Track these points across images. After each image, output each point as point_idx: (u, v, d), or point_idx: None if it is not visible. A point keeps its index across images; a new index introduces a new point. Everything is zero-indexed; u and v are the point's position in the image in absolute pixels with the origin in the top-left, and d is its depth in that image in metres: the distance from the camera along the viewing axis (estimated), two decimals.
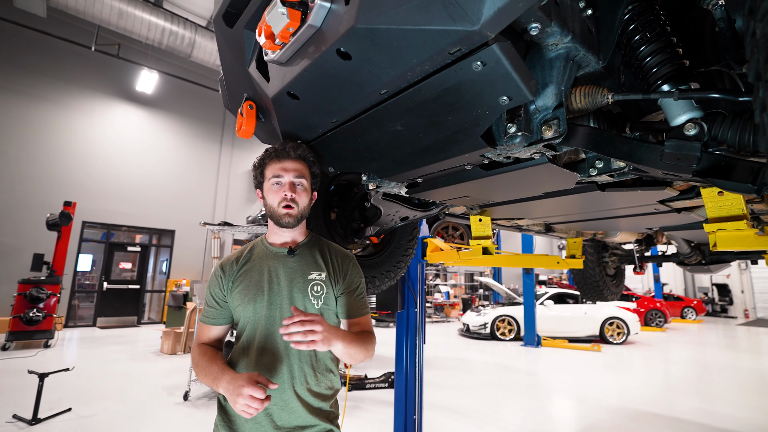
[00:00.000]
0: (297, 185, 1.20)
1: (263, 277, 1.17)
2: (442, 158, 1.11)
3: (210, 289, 1.21)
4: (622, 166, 1.19)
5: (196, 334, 1.23)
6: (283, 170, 1.19)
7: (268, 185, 1.20)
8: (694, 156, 0.86)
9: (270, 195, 1.19)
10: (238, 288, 1.17)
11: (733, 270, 19.47)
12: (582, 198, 1.55)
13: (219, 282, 1.19)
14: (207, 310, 1.21)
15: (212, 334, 1.20)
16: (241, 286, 1.16)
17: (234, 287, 1.17)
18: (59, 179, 9.62)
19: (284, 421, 1.10)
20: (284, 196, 1.17)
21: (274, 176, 1.19)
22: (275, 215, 1.19)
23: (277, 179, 1.19)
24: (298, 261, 1.21)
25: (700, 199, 1.65)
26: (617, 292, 4.02)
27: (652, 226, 2.37)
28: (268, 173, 1.21)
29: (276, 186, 1.19)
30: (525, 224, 2.42)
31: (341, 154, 1.31)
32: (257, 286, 1.16)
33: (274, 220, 1.20)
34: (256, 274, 1.18)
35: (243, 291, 1.16)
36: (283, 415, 1.10)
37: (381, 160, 1.24)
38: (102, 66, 10.38)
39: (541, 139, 0.94)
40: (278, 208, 1.18)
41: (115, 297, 10.51)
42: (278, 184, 1.19)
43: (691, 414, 4.52)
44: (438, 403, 4.62)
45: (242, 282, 1.17)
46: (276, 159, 1.21)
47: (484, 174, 1.19)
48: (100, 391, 4.55)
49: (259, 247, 1.25)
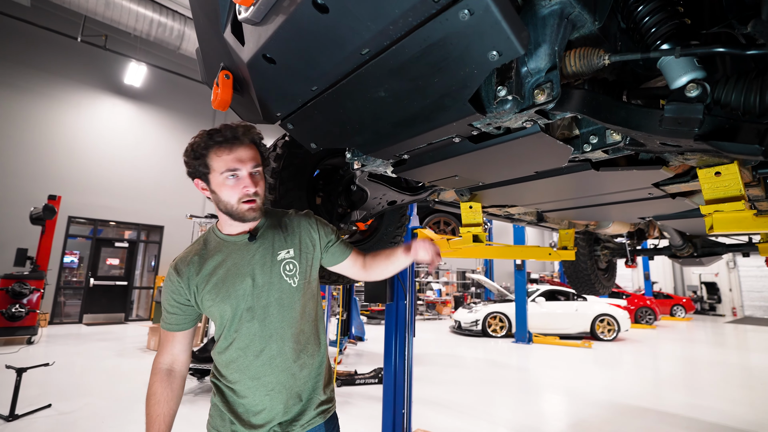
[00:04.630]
0: (255, 174, 1.09)
1: (231, 270, 1.09)
2: (429, 128, 1.04)
3: (169, 294, 1.10)
4: (617, 140, 1.14)
5: (162, 344, 1.11)
6: (238, 162, 1.05)
7: (220, 179, 1.05)
8: (696, 119, 0.80)
9: (224, 190, 1.06)
10: (206, 288, 1.07)
11: (722, 268, 19.74)
12: (575, 180, 1.50)
13: (177, 285, 1.09)
14: (169, 317, 1.10)
15: (178, 341, 1.11)
16: (209, 286, 1.07)
17: (201, 288, 1.08)
18: (44, 173, 9.40)
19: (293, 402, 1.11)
20: (245, 191, 1.06)
21: (229, 170, 1.04)
22: (236, 212, 1.07)
23: (232, 173, 1.05)
24: (262, 244, 1.14)
25: (695, 183, 1.61)
26: (609, 285, 4.01)
27: (645, 215, 2.33)
28: (216, 165, 1.04)
29: (232, 180, 1.05)
30: (516, 213, 2.37)
31: (323, 128, 1.24)
32: (229, 281, 1.08)
33: (234, 216, 1.08)
34: (222, 270, 1.09)
35: (213, 290, 1.07)
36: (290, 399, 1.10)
37: (365, 132, 1.17)
38: (89, 58, 10.16)
39: (533, 105, 0.88)
40: (238, 204, 1.06)
41: (102, 293, 10.32)
42: (234, 177, 1.05)
43: (679, 408, 4.53)
44: (428, 398, 4.57)
45: (209, 281, 1.08)
46: (226, 147, 1.05)
47: (473, 147, 1.13)
48: (82, 387, 4.43)
49: (214, 240, 1.15)
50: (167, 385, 1.06)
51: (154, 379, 1.06)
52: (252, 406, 1.07)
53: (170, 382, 1.07)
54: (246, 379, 1.07)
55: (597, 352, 8.07)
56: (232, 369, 1.08)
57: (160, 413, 1.03)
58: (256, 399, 1.07)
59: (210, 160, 1.05)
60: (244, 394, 1.07)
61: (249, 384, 1.07)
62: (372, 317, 12.25)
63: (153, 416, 1.03)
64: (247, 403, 1.07)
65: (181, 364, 1.11)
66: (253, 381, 1.07)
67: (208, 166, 1.05)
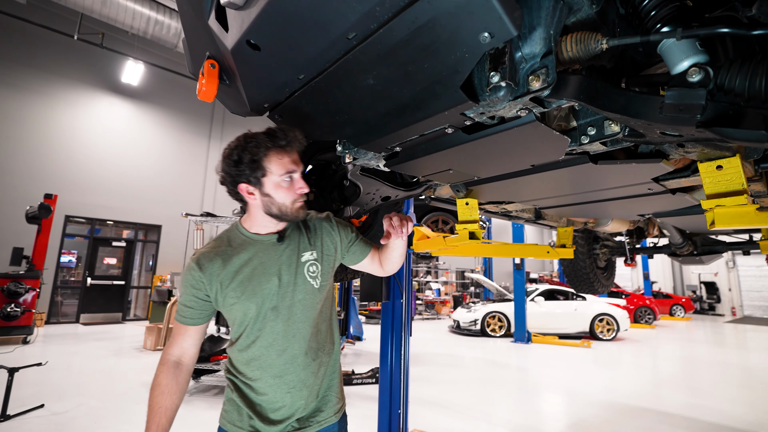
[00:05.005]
0: (304, 188, 1.13)
1: (258, 269, 1.10)
2: (420, 117, 1.00)
3: (189, 288, 1.10)
4: (615, 131, 1.10)
5: (173, 336, 1.12)
6: (294, 164, 1.10)
7: (277, 181, 1.07)
8: (698, 105, 0.76)
9: (280, 192, 1.08)
10: (231, 285, 1.08)
11: (721, 268, 19.73)
12: (573, 174, 1.46)
13: (199, 280, 1.09)
14: (185, 310, 1.10)
15: (190, 335, 1.11)
16: (235, 283, 1.08)
17: (226, 284, 1.08)
18: (41, 172, 9.35)
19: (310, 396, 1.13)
20: (300, 192, 1.11)
21: (288, 172, 1.08)
22: (289, 212, 1.10)
23: (289, 175, 1.08)
24: (289, 245, 1.16)
25: (696, 177, 1.57)
26: (608, 284, 3.97)
27: (644, 212, 2.29)
28: (273, 168, 1.07)
29: (288, 182, 1.09)
30: (514, 210, 2.33)
31: (312, 119, 1.20)
32: (255, 280, 1.09)
33: (285, 217, 1.11)
34: (249, 268, 1.10)
35: (239, 287, 1.08)
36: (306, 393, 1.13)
37: (354, 123, 1.13)
38: (85, 56, 10.11)
39: (528, 91, 0.84)
40: (293, 204, 1.10)
41: (100, 293, 10.27)
42: (290, 179, 1.09)
43: (679, 408, 4.50)
44: (426, 398, 4.54)
45: (235, 278, 1.09)
46: (282, 151, 1.08)
47: (466, 138, 1.09)
48: (76, 387, 4.39)
49: (239, 238, 1.15)
50: (173, 378, 1.06)
51: (160, 370, 1.06)
52: (272, 402, 1.09)
53: (176, 375, 1.07)
54: (267, 377, 1.09)
55: (596, 352, 8.04)
56: (254, 366, 1.09)
57: (163, 405, 1.03)
58: (277, 396, 1.09)
59: (268, 162, 1.07)
60: (264, 391, 1.09)
61: (270, 382, 1.09)
62: (371, 317, 12.21)
63: (155, 407, 1.03)
64: (267, 400, 1.09)
65: (190, 358, 1.11)
66: (275, 379, 1.09)
67: (264, 169, 1.07)
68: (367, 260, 1.32)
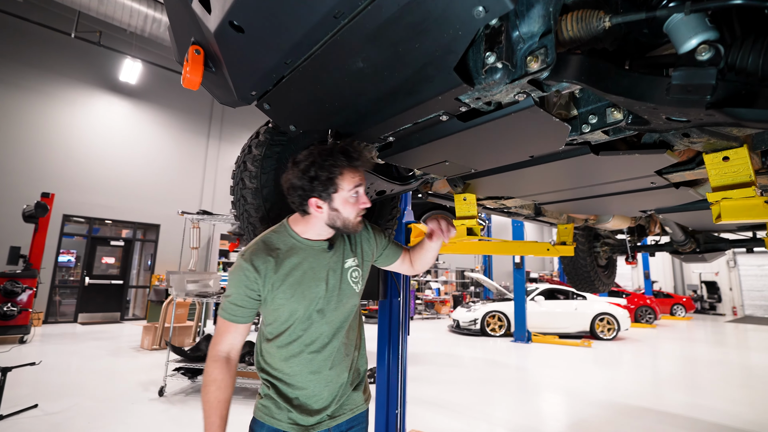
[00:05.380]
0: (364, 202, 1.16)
1: (308, 273, 1.15)
2: (413, 103, 0.95)
3: (242, 288, 1.10)
4: (618, 119, 1.05)
5: (220, 333, 1.11)
6: (362, 181, 1.14)
7: (346, 196, 1.11)
8: (708, 85, 0.71)
9: (348, 207, 1.12)
10: (282, 287, 1.12)
11: (722, 267, 19.66)
12: (573, 166, 1.41)
13: (254, 281, 1.10)
14: (236, 309, 1.11)
15: (239, 332, 1.13)
16: (285, 285, 1.12)
17: (277, 286, 1.12)
18: (39, 171, 9.30)
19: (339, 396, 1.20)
20: (363, 207, 1.15)
21: (356, 186, 1.12)
22: (351, 225, 1.15)
23: (356, 191, 1.12)
24: (335, 252, 1.22)
25: (701, 170, 1.52)
26: (609, 283, 3.92)
27: (647, 208, 2.24)
28: (345, 185, 1.10)
29: (354, 198, 1.13)
30: (513, 206, 2.28)
31: (301, 107, 1.15)
32: (305, 283, 1.14)
33: (345, 230, 1.15)
34: (299, 272, 1.14)
35: (289, 289, 1.12)
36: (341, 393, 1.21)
37: (345, 110, 1.08)
38: (83, 54, 10.06)
39: (526, 73, 0.79)
40: (355, 219, 1.15)
41: (98, 292, 10.22)
42: (357, 194, 1.13)
43: (680, 408, 4.45)
44: (425, 398, 4.49)
45: (285, 280, 1.13)
46: (353, 168, 1.12)
47: (462, 126, 1.04)
48: (71, 387, 4.34)
49: (289, 241, 1.18)
50: (226, 372, 1.08)
51: (213, 366, 1.08)
52: (310, 396, 1.15)
53: (228, 369, 1.09)
54: (306, 373, 1.14)
55: (597, 352, 7.99)
56: (293, 363, 1.14)
57: (222, 399, 1.06)
58: (316, 390, 1.15)
59: (342, 180, 1.10)
60: (303, 385, 1.14)
61: (309, 377, 1.14)
62: (370, 316, 12.16)
63: (215, 402, 1.05)
64: (305, 394, 1.15)
65: (237, 351, 1.14)
66: (314, 375, 1.14)
67: (337, 186, 1.10)
68: (398, 262, 1.41)
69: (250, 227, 1.63)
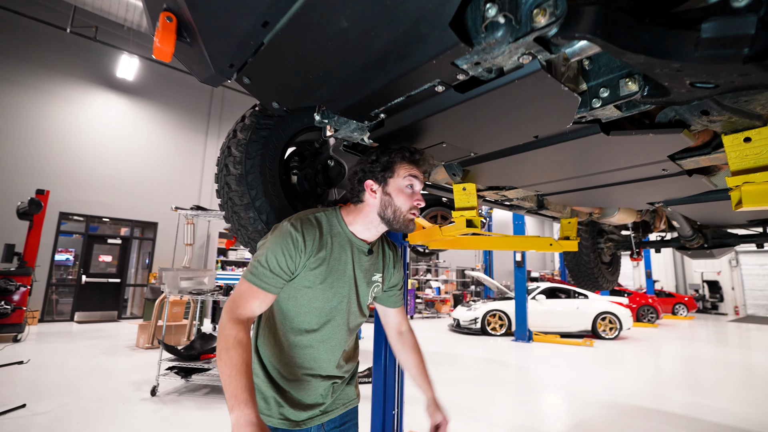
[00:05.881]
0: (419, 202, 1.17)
1: (342, 268, 1.13)
2: (404, 69, 0.85)
3: (285, 253, 1.03)
4: (633, 90, 0.94)
5: (241, 299, 1.01)
6: (418, 177, 1.16)
7: (401, 185, 1.13)
8: (746, 35, 0.61)
9: (401, 196, 1.13)
10: (316, 270, 1.08)
11: (724, 266, 19.54)
12: (580, 149, 1.30)
13: (300, 251, 1.05)
14: (270, 276, 1.02)
15: (265, 301, 1.03)
16: (320, 270, 1.09)
17: (311, 265, 1.07)
18: (35, 168, 9.21)
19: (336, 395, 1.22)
20: (417, 203, 1.15)
21: (411, 175, 1.14)
22: (400, 219, 1.12)
23: (411, 183, 1.14)
24: (371, 260, 1.20)
25: (718, 155, 1.42)
26: (613, 280, 3.81)
27: (655, 200, 2.14)
28: (401, 172, 1.14)
29: (409, 190, 1.14)
30: (515, 197, 2.18)
31: (283, 80, 1.05)
32: (336, 275, 1.12)
33: (395, 222, 1.13)
34: (337, 263, 1.12)
35: (321, 275, 1.09)
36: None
37: (330, 82, 0.98)
38: (79, 50, 9.96)
39: (532, 30, 0.69)
40: (407, 213, 1.13)
41: (95, 291, 10.14)
42: (411, 188, 1.14)
43: (683, 408, 4.35)
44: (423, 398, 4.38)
45: (322, 264, 1.09)
46: (412, 163, 1.16)
47: (459, 98, 0.94)
48: (62, 386, 4.25)
49: (337, 228, 1.15)
50: (246, 334, 0.98)
51: (237, 328, 0.96)
52: (304, 391, 1.12)
53: (247, 333, 0.99)
54: (307, 368, 1.12)
55: (599, 351, 7.88)
56: (298, 354, 1.11)
57: (248, 361, 0.94)
58: (311, 385, 1.13)
59: (399, 167, 1.14)
60: (299, 378, 1.11)
61: (308, 373, 1.12)
62: (370, 315, 12.06)
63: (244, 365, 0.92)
64: (300, 388, 1.12)
65: (251, 322, 1.05)
66: (313, 369, 1.13)
67: (393, 172, 1.13)
68: (389, 312, 1.36)
69: (234, 216, 1.53)
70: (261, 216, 1.49)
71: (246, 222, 1.51)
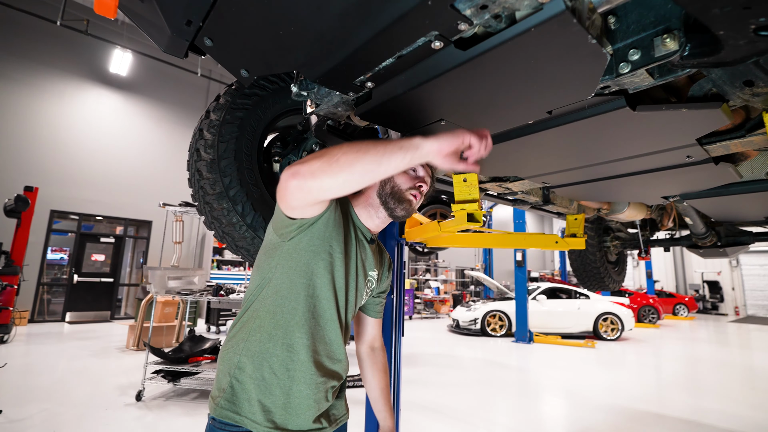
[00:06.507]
0: (422, 186, 1.07)
1: (342, 252, 1.01)
2: (392, 15, 0.68)
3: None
4: (672, 49, 0.77)
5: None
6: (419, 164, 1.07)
7: None
8: None
9: (402, 175, 1.05)
10: (317, 235, 0.96)
11: (724, 267, 19.42)
12: (599, 129, 1.14)
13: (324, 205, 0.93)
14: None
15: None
16: (320, 238, 0.98)
17: (316, 231, 0.95)
18: (24, 165, 9.00)
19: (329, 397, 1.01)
20: (417, 183, 1.06)
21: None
22: (397, 195, 1.04)
23: (414, 167, 1.06)
24: (371, 254, 1.12)
25: (753, 137, 1.25)
26: (619, 280, 3.65)
27: (671, 193, 1.97)
28: None
29: (412, 173, 1.07)
30: (520, 190, 2.01)
31: (250, 39, 0.88)
32: (337, 258, 1.00)
33: (391, 201, 1.04)
34: (337, 243, 1.01)
35: (319, 246, 0.97)
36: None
37: (305, 39, 0.81)
38: (71, 44, 9.76)
39: None
40: (407, 192, 1.05)
41: (87, 291, 9.95)
42: (414, 171, 1.07)
43: (691, 413, 4.20)
44: (421, 403, 4.22)
45: (324, 233, 0.97)
46: None
47: (461, 58, 0.77)
48: (45, 390, 4.07)
49: (346, 208, 1.07)
50: None
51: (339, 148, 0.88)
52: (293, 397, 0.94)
53: None
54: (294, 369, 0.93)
55: (601, 353, 7.72)
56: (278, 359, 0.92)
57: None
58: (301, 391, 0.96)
59: None
60: (288, 382, 0.92)
61: (295, 377, 0.94)
62: None
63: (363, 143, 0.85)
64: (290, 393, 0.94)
65: None
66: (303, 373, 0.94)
67: None
68: (367, 321, 1.24)
69: (206, 207, 1.36)
70: (236, 207, 1.32)
71: (219, 214, 1.34)
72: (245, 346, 0.92)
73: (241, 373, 0.91)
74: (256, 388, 0.90)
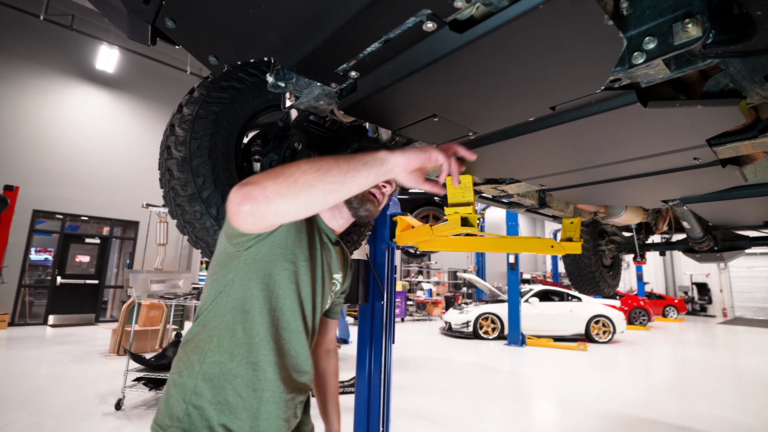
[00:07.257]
0: (385, 186, 1.02)
1: (306, 258, 0.94)
2: None
3: None
4: (694, 36, 0.68)
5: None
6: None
7: None
8: None
9: None
10: (277, 243, 0.89)
11: (713, 269, 19.65)
12: (605, 127, 1.05)
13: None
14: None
15: None
16: (282, 246, 0.91)
17: (276, 240, 0.89)
18: (7, 164, 8.73)
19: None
20: (381, 185, 1.01)
21: None
22: (360, 195, 0.98)
23: None
24: (335, 255, 1.06)
25: (764, 138, 1.17)
26: (614, 284, 3.59)
27: (671, 197, 1.90)
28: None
29: None
30: (515, 192, 1.92)
31: (216, 19, 0.77)
32: (300, 265, 0.93)
33: (354, 200, 0.99)
34: (300, 249, 0.94)
35: (280, 254, 0.90)
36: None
37: (279, 19, 0.71)
38: (56, 40, 9.51)
39: None
40: (369, 191, 1.00)
41: (71, 293, 9.68)
42: None
43: (682, 419, 4.17)
44: (411, 409, 4.12)
45: (285, 241, 0.90)
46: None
47: (456, 42, 0.67)
48: (20, 398, 3.89)
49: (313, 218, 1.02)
50: None
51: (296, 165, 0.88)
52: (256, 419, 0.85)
53: None
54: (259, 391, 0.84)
55: (593, 356, 7.70)
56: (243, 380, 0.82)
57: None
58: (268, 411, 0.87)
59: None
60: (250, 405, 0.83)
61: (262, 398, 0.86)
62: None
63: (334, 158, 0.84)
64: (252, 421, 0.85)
65: None
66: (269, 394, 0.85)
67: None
68: (331, 323, 1.21)
69: (178, 210, 1.24)
70: (209, 210, 1.21)
71: (191, 217, 1.23)
72: (201, 369, 0.82)
73: (199, 398, 0.80)
74: (219, 413, 0.80)
